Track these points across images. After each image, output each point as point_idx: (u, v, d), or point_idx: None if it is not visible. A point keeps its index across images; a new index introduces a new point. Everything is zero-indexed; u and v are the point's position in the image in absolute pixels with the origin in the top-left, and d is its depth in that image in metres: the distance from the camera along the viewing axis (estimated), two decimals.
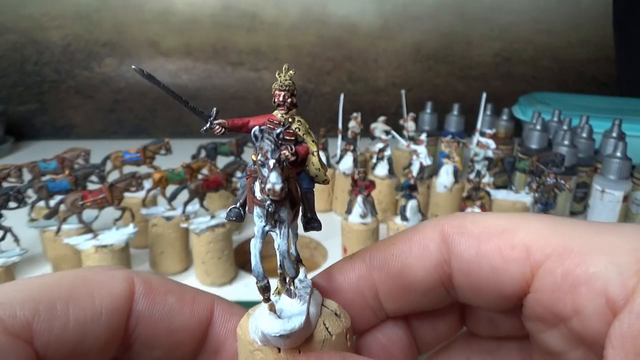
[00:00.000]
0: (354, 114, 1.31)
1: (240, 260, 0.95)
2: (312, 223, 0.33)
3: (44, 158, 0.97)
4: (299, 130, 0.32)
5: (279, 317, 0.28)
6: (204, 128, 0.32)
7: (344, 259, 0.34)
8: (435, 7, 1.84)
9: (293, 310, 0.29)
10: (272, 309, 0.28)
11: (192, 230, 0.87)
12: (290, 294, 0.30)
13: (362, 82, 1.90)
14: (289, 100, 0.31)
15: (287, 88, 0.31)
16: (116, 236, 0.82)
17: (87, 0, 1.68)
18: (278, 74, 0.32)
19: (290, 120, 0.32)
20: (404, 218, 0.91)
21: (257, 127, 0.27)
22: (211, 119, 0.31)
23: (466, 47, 1.90)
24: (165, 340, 0.30)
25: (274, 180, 0.26)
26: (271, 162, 0.26)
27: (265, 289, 0.28)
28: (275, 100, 0.32)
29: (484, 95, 1.16)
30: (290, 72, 0.32)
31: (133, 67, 0.30)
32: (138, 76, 0.29)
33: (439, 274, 0.31)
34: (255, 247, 0.29)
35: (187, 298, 0.31)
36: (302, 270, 0.33)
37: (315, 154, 0.32)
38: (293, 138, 0.32)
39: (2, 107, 1.63)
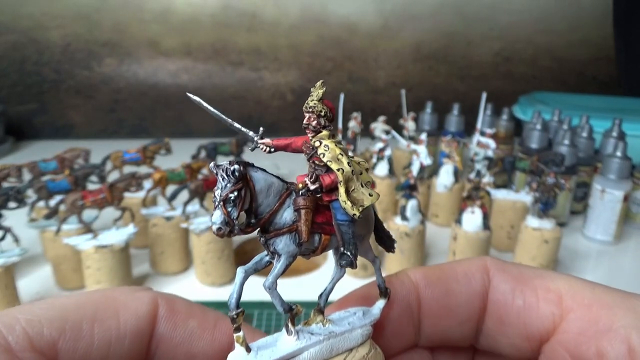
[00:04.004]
0: (354, 114, 1.31)
1: (240, 260, 0.95)
2: (342, 259, 0.29)
3: (44, 158, 0.97)
4: (323, 157, 0.28)
5: (249, 350, 0.28)
6: (251, 147, 0.31)
7: (387, 277, 0.34)
8: (435, 6, 1.84)
9: (273, 346, 0.28)
10: (239, 341, 0.28)
11: (192, 230, 0.87)
12: (287, 330, 0.29)
13: (362, 82, 1.90)
14: (314, 122, 0.29)
15: (312, 110, 0.29)
16: (116, 236, 0.82)
17: (87, 0, 1.68)
18: (311, 92, 0.29)
19: (317, 144, 0.29)
20: (404, 218, 0.91)
21: (212, 163, 0.26)
22: (257, 138, 0.31)
23: (466, 47, 1.89)
24: None
25: (214, 219, 0.25)
26: (217, 200, 0.25)
27: (232, 320, 0.27)
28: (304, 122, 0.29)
29: (484, 95, 1.16)
30: (319, 91, 0.29)
31: (188, 94, 0.30)
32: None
33: (478, 303, 0.33)
34: (238, 274, 0.28)
35: (208, 323, 0.31)
36: (378, 302, 0.32)
37: (341, 184, 0.28)
38: (323, 164, 0.29)
39: (2, 107, 1.63)
